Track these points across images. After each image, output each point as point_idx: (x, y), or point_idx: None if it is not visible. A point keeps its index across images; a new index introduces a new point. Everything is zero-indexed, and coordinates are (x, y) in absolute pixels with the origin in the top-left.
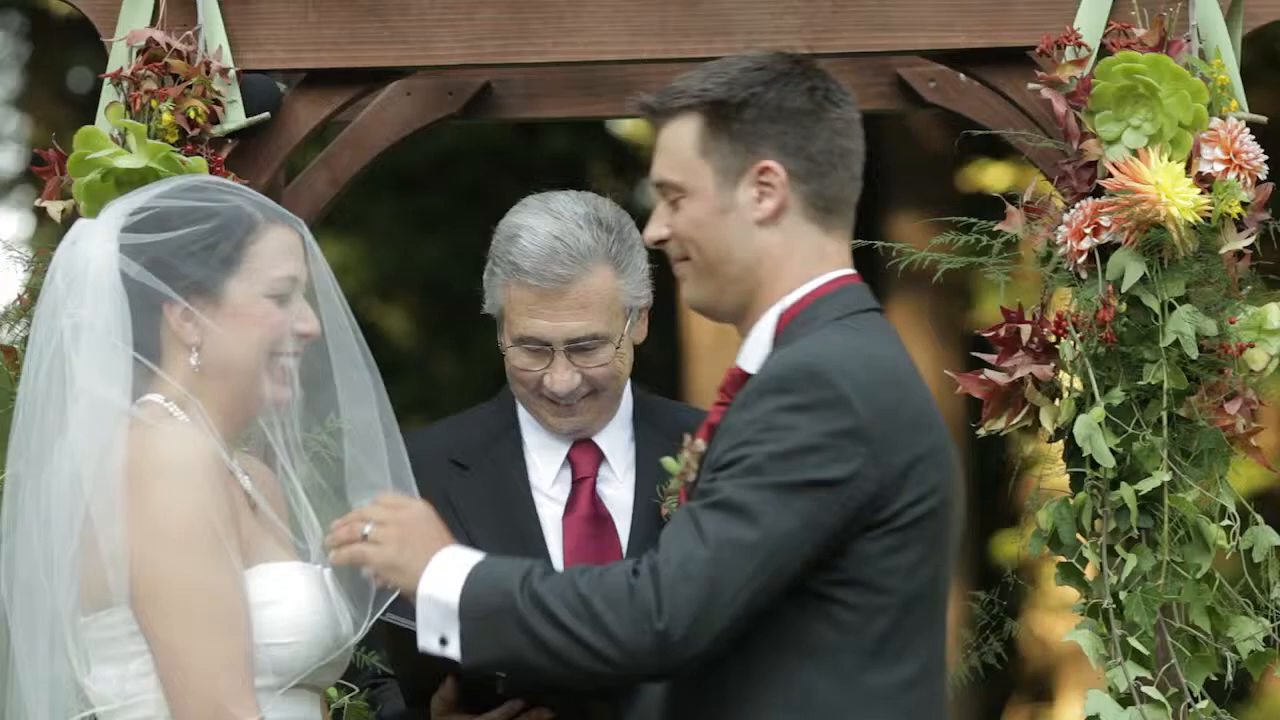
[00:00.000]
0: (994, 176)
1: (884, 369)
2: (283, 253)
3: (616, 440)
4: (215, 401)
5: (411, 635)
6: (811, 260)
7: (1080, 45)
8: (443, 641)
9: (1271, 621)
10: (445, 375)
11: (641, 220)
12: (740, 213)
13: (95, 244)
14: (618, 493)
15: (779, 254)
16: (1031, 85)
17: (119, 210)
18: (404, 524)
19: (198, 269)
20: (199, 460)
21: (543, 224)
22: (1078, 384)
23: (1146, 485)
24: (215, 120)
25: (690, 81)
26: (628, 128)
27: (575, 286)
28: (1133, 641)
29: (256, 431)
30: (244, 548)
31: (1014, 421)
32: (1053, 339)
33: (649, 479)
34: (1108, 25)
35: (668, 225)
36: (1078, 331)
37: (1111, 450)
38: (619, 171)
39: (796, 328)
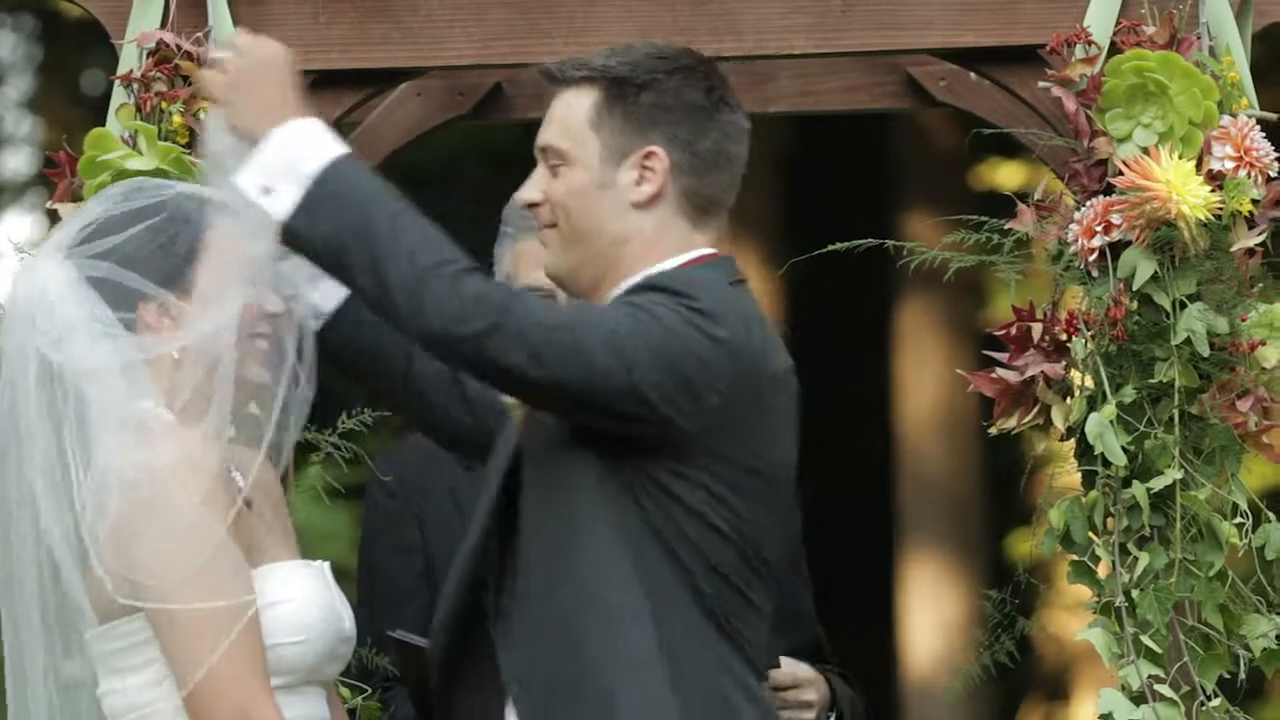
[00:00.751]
0: (1006, 175)
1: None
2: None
3: None
4: (202, 394)
5: (419, 650)
6: (676, 249)
7: (1090, 43)
8: (265, 191)
9: None
10: None
11: None
12: (618, 192)
13: (50, 267)
14: None
15: (647, 238)
16: (1042, 83)
17: (63, 234)
18: (263, 63)
19: (164, 260)
20: (199, 463)
21: None
22: (1089, 382)
23: (1158, 483)
24: None
25: (595, 57)
26: None
27: None
28: (1145, 640)
29: (250, 423)
30: (247, 548)
31: (1025, 420)
32: (1064, 337)
33: None
34: (1118, 23)
35: (543, 190)
36: (1089, 330)
37: (1123, 448)
38: None
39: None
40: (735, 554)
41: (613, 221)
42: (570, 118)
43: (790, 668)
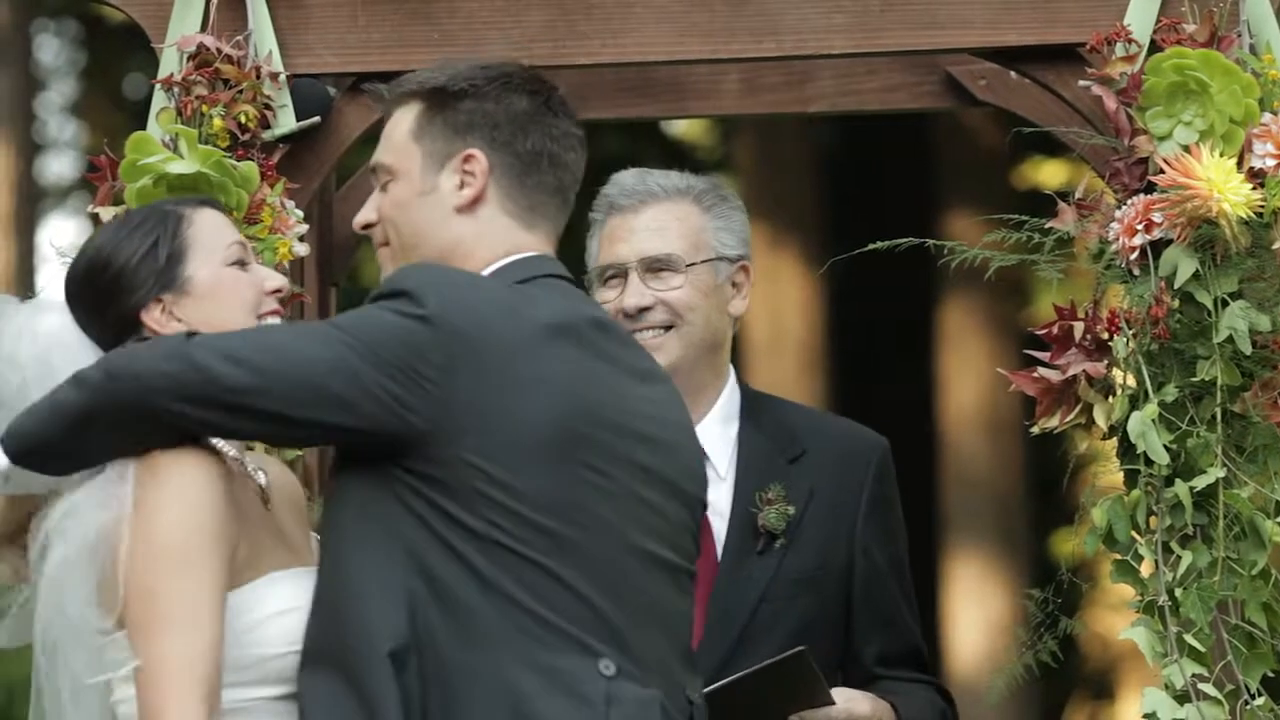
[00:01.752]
0: (1049, 173)
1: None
2: (220, 225)
3: (719, 437)
4: None
5: None
6: (502, 251)
7: (1130, 41)
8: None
9: None
10: None
11: None
12: (440, 197)
13: (45, 311)
14: (716, 494)
15: (471, 243)
16: (1082, 82)
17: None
18: None
19: (153, 266)
20: (197, 469)
21: (633, 170)
22: (1131, 381)
23: (1201, 482)
24: (266, 125)
25: (420, 74)
26: (681, 128)
27: (655, 206)
28: (1189, 639)
29: None
30: (252, 555)
31: (1067, 419)
32: (1106, 336)
33: (750, 482)
34: (1158, 21)
35: (376, 209)
36: (1130, 328)
37: (1165, 447)
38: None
39: None
40: (521, 524)
41: (438, 229)
42: (395, 133)
43: (846, 703)
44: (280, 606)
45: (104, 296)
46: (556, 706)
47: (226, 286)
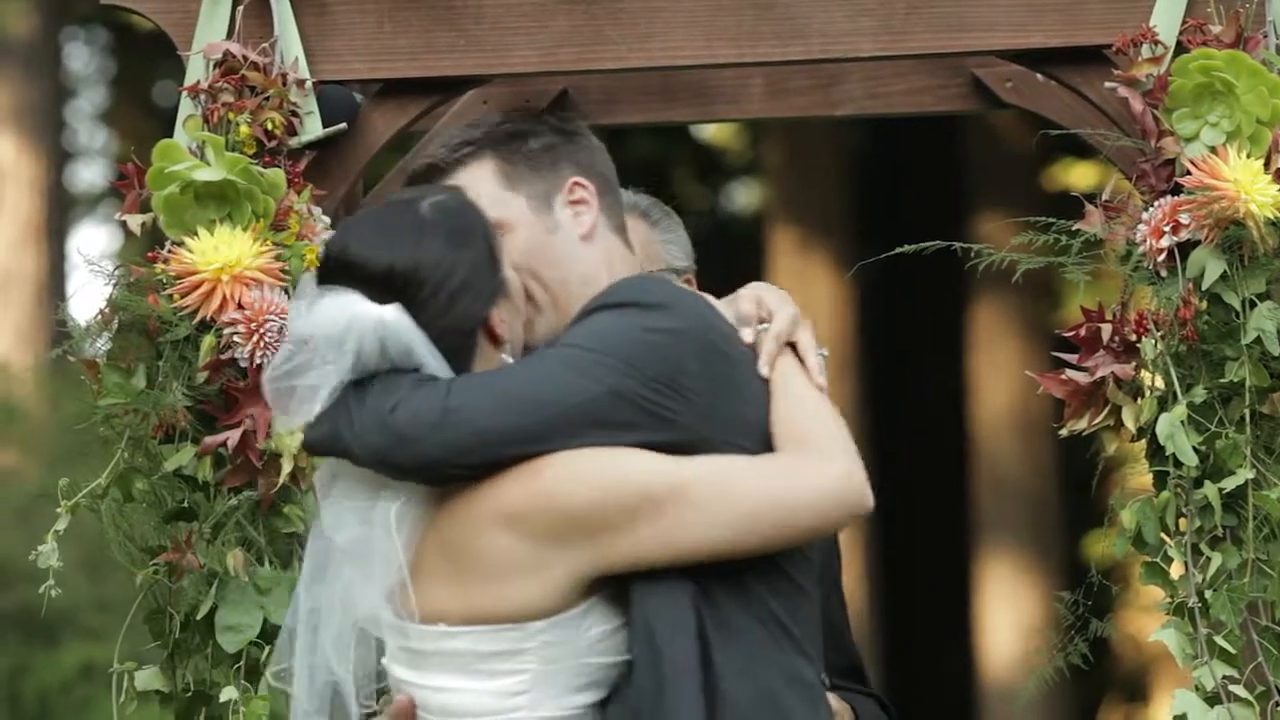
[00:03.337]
0: (1079, 175)
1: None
2: None
3: None
4: None
5: None
6: (621, 270)
7: (1156, 43)
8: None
9: None
10: None
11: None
12: (565, 230)
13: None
14: None
15: (601, 268)
16: (1108, 84)
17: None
18: None
19: (494, 275)
20: None
21: None
22: (1159, 382)
23: (1230, 483)
24: (293, 132)
25: (461, 133)
26: (710, 132)
27: None
28: (1219, 640)
29: None
30: None
31: (1096, 421)
32: (1134, 338)
33: None
34: (1184, 22)
35: (509, 265)
36: (1158, 330)
37: (1194, 448)
38: (703, 175)
39: None
40: None
41: (575, 260)
42: (483, 192)
43: None
44: (622, 619)
45: (446, 306)
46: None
47: (516, 287)
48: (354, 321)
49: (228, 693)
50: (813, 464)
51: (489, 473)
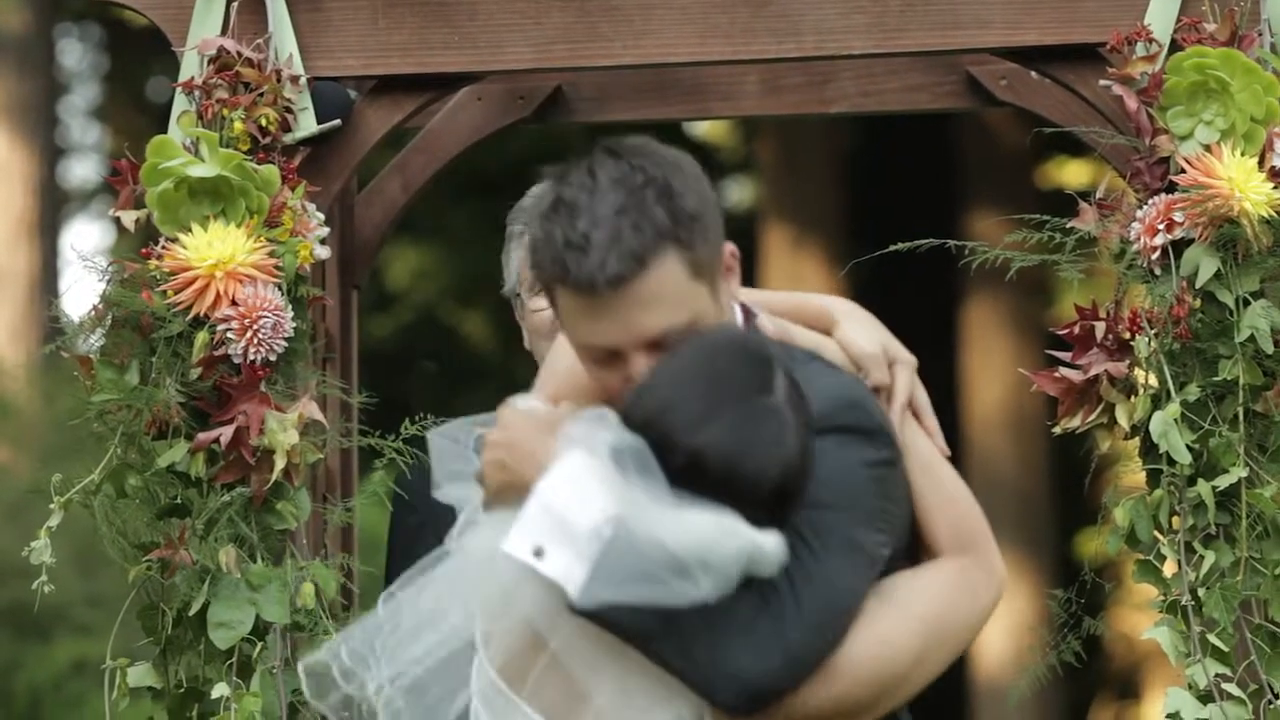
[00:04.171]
0: (1073, 173)
1: None
2: None
3: None
4: None
5: None
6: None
7: (1151, 41)
8: (537, 554)
9: None
10: (526, 379)
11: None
12: (723, 304)
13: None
14: None
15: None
16: (1103, 82)
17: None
18: (511, 433)
19: None
20: None
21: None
22: (1153, 380)
23: (1224, 481)
24: (287, 128)
25: (636, 227)
26: (704, 129)
27: None
28: (1212, 638)
29: None
30: None
31: (1089, 419)
32: (1127, 336)
33: None
34: (1178, 20)
35: None
36: (1152, 328)
37: (1188, 446)
38: None
39: None
40: None
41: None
42: (674, 290)
43: None
44: None
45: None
46: None
47: None
48: (739, 552)
49: (219, 689)
50: (984, 579)
51: None
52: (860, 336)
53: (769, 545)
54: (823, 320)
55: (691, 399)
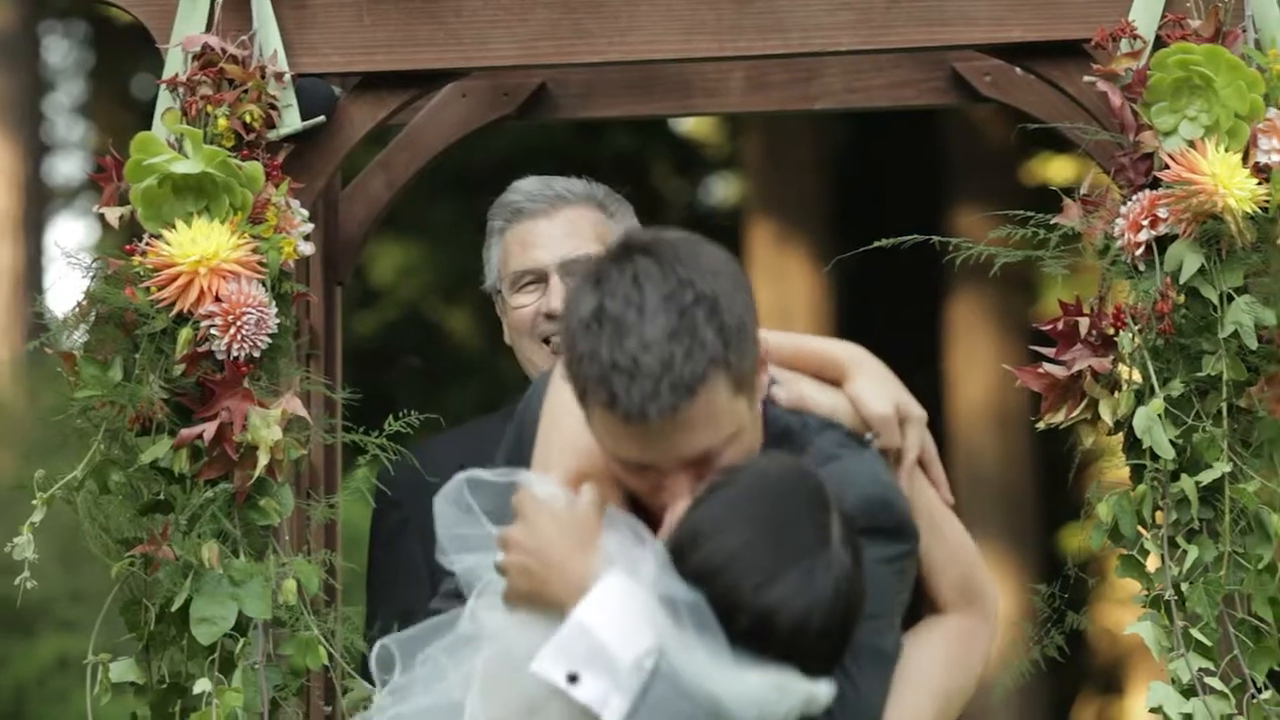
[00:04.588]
0: (1057, 169)
1: None
2: None
3: None
4: None
5: None
6: None
7: (1135, 37)
8: (571, 679)
9: None
10: (510, 375)
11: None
12: (761, 397)
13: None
14: None
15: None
16: (1087, 78)
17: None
18: (538, 539)
19: None
20: None
21: (533, 177)
22: (1136, 376)
23: (1207, 476)
24: (271, 125)
25: (689, 355)
26: (689, 126)
27: (566, 212)
28: (1195, 633)
29: None
30: None
31: (1073, 415)
32: (1111, 331)
33: None
34: (1163, 17)
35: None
36: (1136, 324)
37: (1171, 442)
38: (681, 169)
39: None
40: None
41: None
42: (720, 410)
43: None
44: None
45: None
46: None
47: None
48: (794, 708)
49: (202, 684)
50: (986, 630)
51: None
52: (873, 395)
53: (822, 693)
54: (833, 371)
55: (754, 556)
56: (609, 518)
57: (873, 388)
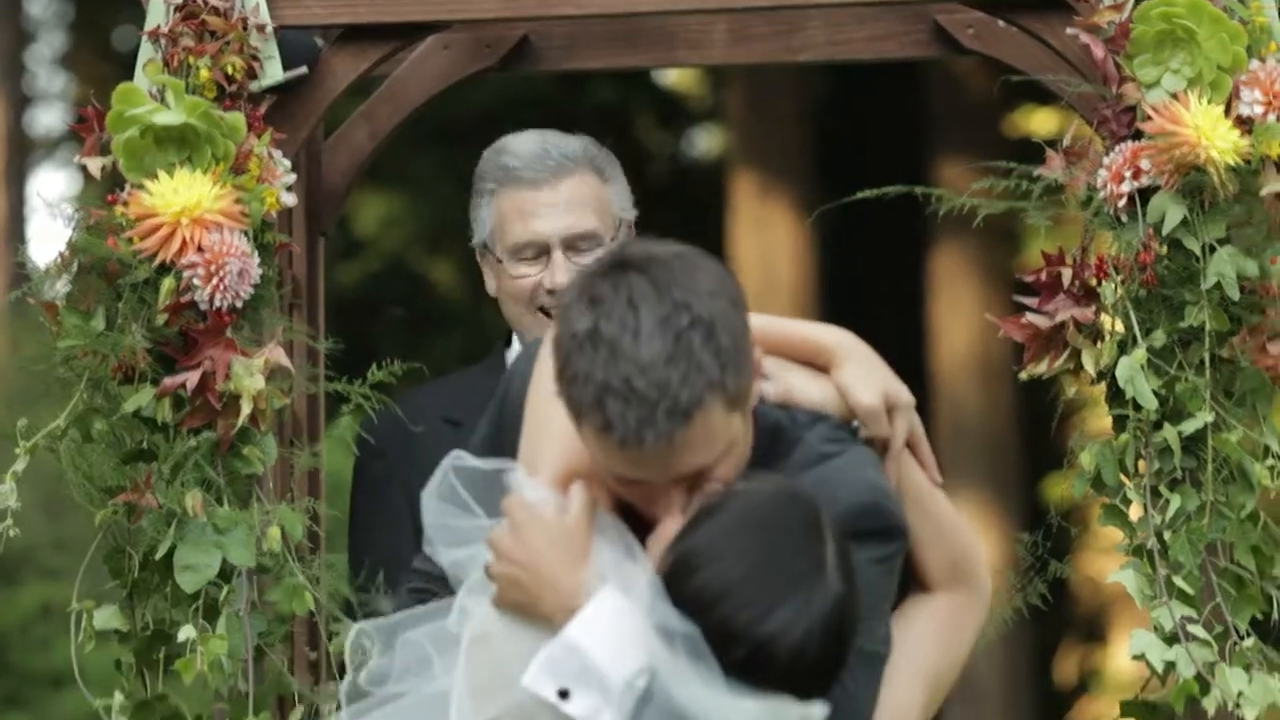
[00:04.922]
0: (1040, 121)
1: None
2: None
3: None
4: None
5: None
6: None
7: None
8: (562, 694)
9: None
10: (494, 326)
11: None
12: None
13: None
14: None
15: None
16: (1070, 30)
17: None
18: (529, 552)
19: None
20: None
21: (527, 134)
22: (1119, 327)
23: (1189, 426)
24: (253, 76)
25: (685, 380)
26: (672, 78)
27: (567, 180)
28: (1178, 581)
29: None
30: None
31: (1056, 365)
32: (1094, 282)
33: None
34: None
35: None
36: (1119, 274)
37: (1154, 392)
38: (664, 121)
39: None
40: None
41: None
42: (717, 431)
43: None
44: None
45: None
46: None
47: None
48: None
49: (186, 631)
50: (977, 607)
51: None
52: (860, 385)
53: (815, 715)
54: (820, 358)
55: (750, 587)
56: (599, 524)
57: (860, 376)
